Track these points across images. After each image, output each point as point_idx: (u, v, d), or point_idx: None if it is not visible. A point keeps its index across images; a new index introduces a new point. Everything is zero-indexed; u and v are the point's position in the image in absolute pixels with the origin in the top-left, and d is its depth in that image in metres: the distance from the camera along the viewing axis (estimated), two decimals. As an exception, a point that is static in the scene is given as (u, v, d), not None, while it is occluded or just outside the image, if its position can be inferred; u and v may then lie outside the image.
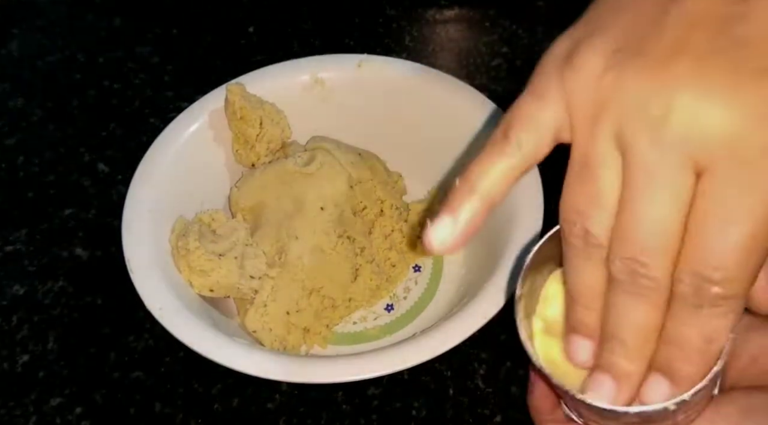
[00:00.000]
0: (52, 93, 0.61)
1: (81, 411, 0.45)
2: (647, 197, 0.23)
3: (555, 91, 0.26)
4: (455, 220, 0.27)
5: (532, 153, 0.27)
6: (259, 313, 0.45)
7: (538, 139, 0.26)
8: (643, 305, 0.25)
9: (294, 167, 0.48)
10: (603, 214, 0.24)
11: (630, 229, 0.24)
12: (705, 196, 0.23)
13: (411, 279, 0.50)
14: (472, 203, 0.27)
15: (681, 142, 0.23)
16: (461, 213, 0.27)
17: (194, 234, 0.44)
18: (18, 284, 0.50)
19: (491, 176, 0.27)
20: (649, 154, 0.23)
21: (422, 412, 0.44)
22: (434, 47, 0.63)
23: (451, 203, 0.27)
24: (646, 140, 0.23)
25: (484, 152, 0.27)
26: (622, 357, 0.26)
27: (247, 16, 0.66)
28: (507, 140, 0.27)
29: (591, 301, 0.26)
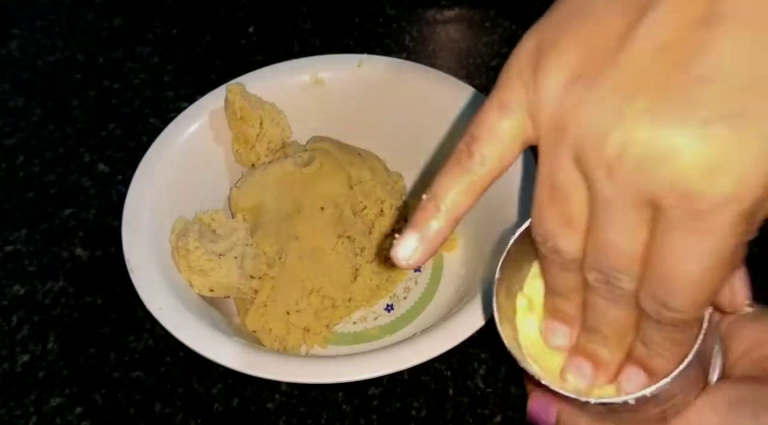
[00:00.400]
0: (52, 93, 0.61)
1: (81, 411, 0.45)
2: (609, 226, 0.24)
3: (518, 102, 0.26)
4: (420, 236, 0.28)
5: (496, 166, 0.27)
6: (259, 313, 0.45)
7: (502, 151, 0.27)
8: (620, 308, 0.26)
9: (294, 167, 0.48)
10: (573, 234, 0.25)
11: (600, 249, 0.25)
12: (660, 232, 0.23)
13: (411, 279, 0.50)
14: (437, 220, 0.28)
15: (634, 182, 0.22)
16: (426, 230, 0.28)
17: (194, 234, 0.44)
18: (18, 284, 0.50)
19: (455, 193, 0.28)
20: (605, 188, 0.23)
21: (422, 412, 0.44)
22: (434, 47, 0.63)
23: (417, 220, 0.28)
24: (603, 175, 0.23)
25: (449, 167, 0.28)
26: (601, 346, 0.28)
27: (247, 16, 0.66)
28: (470, 156, 0.27)
29: (568, 294, 0.28)
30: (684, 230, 0.22)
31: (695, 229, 0.22)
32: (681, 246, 0.23)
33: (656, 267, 0.24)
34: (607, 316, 0.26)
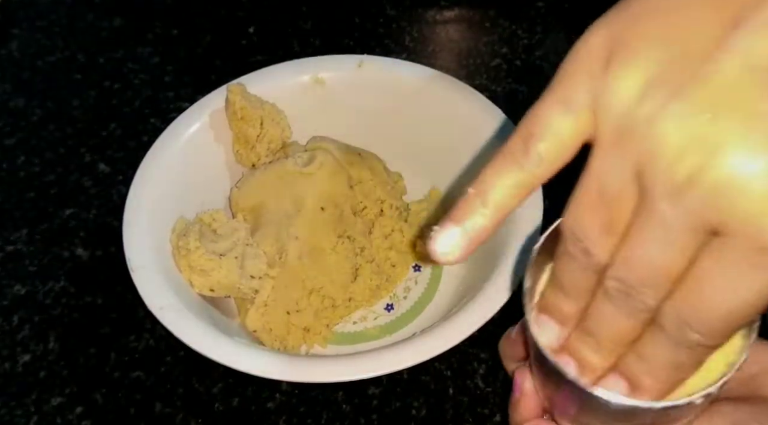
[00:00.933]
0: (53, 93, 0.61)
1: (81, 410, 0.45)
2: (655, 245, 0.22)
3: (583, 100, 0.23)
4: (463, 231, 0.26)
5: (552, 166, 0.25)
6: (260, 313, 0.45)
7: (560, 151, 0.24)
8: (628, 319, 0.24)
9: (294, 167, 0.48)
10: (609, 241, 0.24)
11: (633, 262, 0.23)
12: (711, 255, 0.22)
13: (411, 279, 0.50)
14: (482, 216, 0.26)
15: (701, 208, 0.21)
16: (469, 225, 0.26)
17: (195, 234, 0.44)
18: (19, 284, 0.50)
19: (505, 189, 0.25)
20: (666, 209, 0.22)
21: (422, 412, 0.44)
22: (434, 47, 0.64)
23: (460, 213, 0.26)
24: (667, 195, 0.21)
25: (501, 160, 0.25)
26: (593, 351, 0.26)
27: (247, 16, 0.66)
28: (526, 153, 0.25)
29: (577, 295, 0.26)
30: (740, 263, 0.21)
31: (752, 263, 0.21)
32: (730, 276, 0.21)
33: (692, 288, 0.22)
34: (610, 325, 0.25)
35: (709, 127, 0.20)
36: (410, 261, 0.50)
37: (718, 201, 0.21)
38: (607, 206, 0.23)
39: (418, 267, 0.50)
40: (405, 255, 0.50)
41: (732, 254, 0.21)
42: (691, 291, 0.22)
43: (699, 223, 0.21)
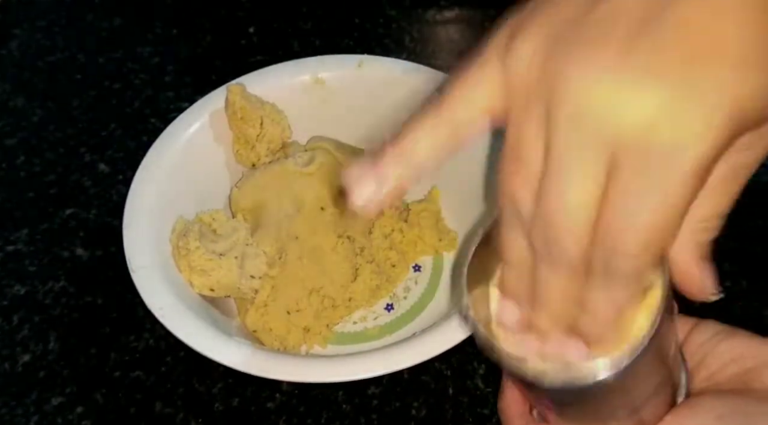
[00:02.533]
0: (53, 93, 0.61)
1: (81, 410, 0.45)
2: (561, 182, 0.24)
3: (493, 71, 0.26)
4: (381, 183, 0.28)
5: (464, 130, 0.27)
6: (260, 313, 0.45)
7: (471, 116, 0.27)
8: (560, 275, 0.26)
9: (294, 167, 0.48)
10: (530, 191, 0.25)
11: (546, 209, 0.25)
12: (614, 183, 0.23)
13: (411, 279, 0.50)
14: (398, 170, 0.28)
15: (596, 132, 0.23)
16: (388, 178, 0.28)
17: (195, 234, 0.44)
18: (19, 284, 0.50)
19: (422, 147, 0.27)
20: (565, 141, 0.24)
21: (422, 412, 0.44)
22: (434, 47, 0.64)
23: (379, 165, 0.28)
24: (565, 127, 0.24)
25: (419, 121, 0.28)
26: (544, 317, 0.27)
27: (247, 16, 0.66)
28: (440, 115, 0.27)
29: (519, 265, 0.27)
30: (635, 177, 0.23)
31: (647, 180, 0.23)
32: (632, 194, 0.23)
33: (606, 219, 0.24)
34: (551, 289, 0.26)
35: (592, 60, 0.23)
36: (410, 261, 0.50)
37: (606, 123, 0.23)
38: (523, 160, 0.25)
39: (418, 267, 0.50)
40: (405, 255, 0.50)
41: (627, 177, 0.23)
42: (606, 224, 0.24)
43: (598, 149, 0.23)
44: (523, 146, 0.25)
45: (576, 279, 0.26)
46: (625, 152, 0.23)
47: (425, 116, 0.28)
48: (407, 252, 0.50)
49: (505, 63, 0.26)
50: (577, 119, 0.23)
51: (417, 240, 0.50)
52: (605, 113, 0.23)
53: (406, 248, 0.50)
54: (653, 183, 0.23)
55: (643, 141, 0.22)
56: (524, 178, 0.25)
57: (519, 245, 0.27)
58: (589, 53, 0.23)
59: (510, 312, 0.29)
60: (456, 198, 0.51)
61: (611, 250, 0.24)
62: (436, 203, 0.51)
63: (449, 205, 0.52)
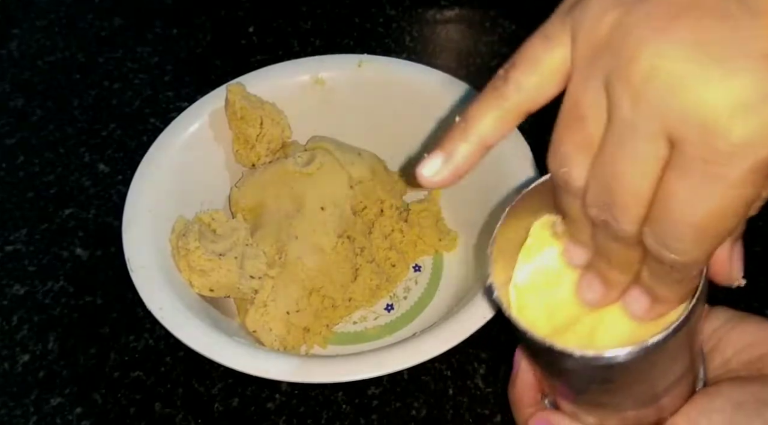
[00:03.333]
0: (53, 93, 0.61)
1: (81, 410, 0.45)
2: (619, 157, 0.23)
3: (561, 32, 0.25)
4: (447, 159, 0.28)
5: (532, 96, 0.26)
6: (259, 313, 0.45)
7: (540, 81, 0.26)
8: (620, 245, 0.26)
9: (294, 167, 0.48)
10: (586, 160, 0.25)
11: (603, 183, 0.24)
12: (672, 170, 0.23)
13: (411, 279, 0.50)
14: (465, 145, 0.27)
15: (659, 109, 0.22)
16: (454, 153, 0.28)
17: (194, 234, 0.44)
18: (18, 284, 0.50)
19: (487, 119, 0.27)
20: (626, 112, 0.23)
21: (422, 412, 0.44)
22: (434, 47, 0.64)
23: (445, 143, 0.28)
24: (627, 98, 0.23)
25: (485, 93, 0.27)
26: (611, 270, 0.27)
27: (247, 16, 0.66)
28: (506, 82, 0.27)
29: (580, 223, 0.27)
30: (698, 171, 0.22)
31: (710, 171, 0.22)
32: (691, 187, 0.22)
33: (662, 207, 0.23)
34: (610, 251, 0.26)
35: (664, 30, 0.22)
36: (410, 261, 0.50)
37: (672, 101, 0.22)
38: (581, 121, 0.24)
39: (418, 267, 0.50)
40: (405, 255, 0.50)
41: (689, 164, 0.22)
42: (660, 210, 0.23)
43: (657, 127, 0.22)
44: (583, 105, 0.24)
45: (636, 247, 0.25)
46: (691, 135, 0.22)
47: (491, 89, 0.27)
48: (407, 252, 0.50)
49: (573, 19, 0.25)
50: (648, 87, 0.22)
51: (417, 240, 0.50)
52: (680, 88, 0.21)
53: (406, 248, 0.50)
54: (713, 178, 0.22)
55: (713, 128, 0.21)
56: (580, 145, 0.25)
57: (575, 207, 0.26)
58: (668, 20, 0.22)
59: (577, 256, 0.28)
60: (456, 198, 0.51)
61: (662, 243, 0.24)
62: (436, 203, 0.51)
63: (449, 205, 0.52)
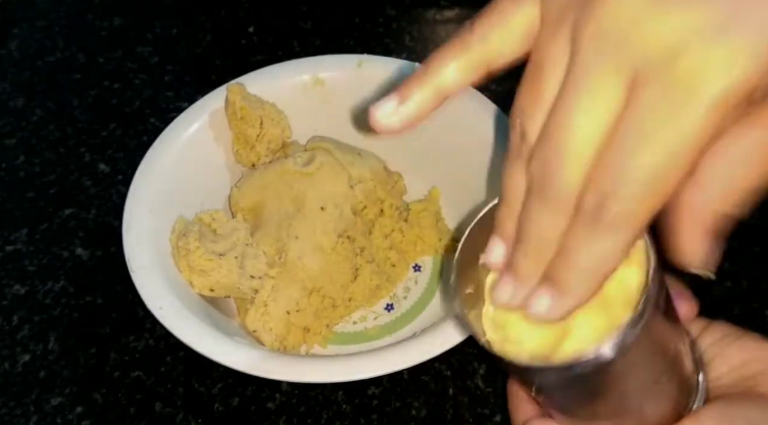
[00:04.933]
0: (53, 93, 0.61)
1: (81, 410, 0.45)
2: (574, 101, 0.23)
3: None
4: (402, 102, 0.27)
5: (495, 50, 0.26)
6: (260, 313, 0.45)
7: (505, 36, 0.26)
8: (548, 211, 0.24)
9: (294, 167, 0.48)
10: (540, 115, 0.24)
11: (551, 131, 0.24)
12: (629, 110, 0.22)
13: (411, 279, 0.50)
14: (422, 91, 0.27)
15: (622, 46, 0.22)
16: (409, 98, 0.27)
17: (194, 234, 0.44)
18: (18, 284, 0.50)
19: (448, 68, 0.27)
20: (587, 53, 0.22)
21: (422, 412, 0.44)
22: (434, 47, 0.63)
23: (403, 87, 0.27)
24: (591, 39, 0.22)
25: (449, 41, 0.27)
26: (522, 258, 0.26)
27: (247, 16, 0.66)
28: (471, 34, 0.26)
29: (512, 202, 0.26)
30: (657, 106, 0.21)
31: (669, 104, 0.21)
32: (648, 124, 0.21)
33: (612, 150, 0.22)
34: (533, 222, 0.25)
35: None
36: (410, 261, 0.50)
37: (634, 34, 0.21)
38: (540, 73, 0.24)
39: (418, 267, 0.50)
40: (405, 255, 0.50)
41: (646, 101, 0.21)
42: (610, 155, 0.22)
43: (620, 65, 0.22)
44: (544, 65, 0.24)
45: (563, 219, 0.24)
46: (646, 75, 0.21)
47: (457, 39, 0.27)
48: (407, 252, 0.50)
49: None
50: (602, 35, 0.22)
51: (417, 240, 0.50)
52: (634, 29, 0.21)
53: (406, 248, 0.50)
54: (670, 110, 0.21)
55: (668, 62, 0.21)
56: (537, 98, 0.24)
57: (517, 179, 0.25)
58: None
59: (497, 252, 0.27)
60: (456, 198, 0.51)
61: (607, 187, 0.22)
62: (436, 203, 0.51)
63: (449, 205, 0.52)
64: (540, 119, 0.24)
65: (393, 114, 0.27)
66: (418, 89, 0.27)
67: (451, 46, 0.27)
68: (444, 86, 0.27)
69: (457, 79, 0.27)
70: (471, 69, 0.27)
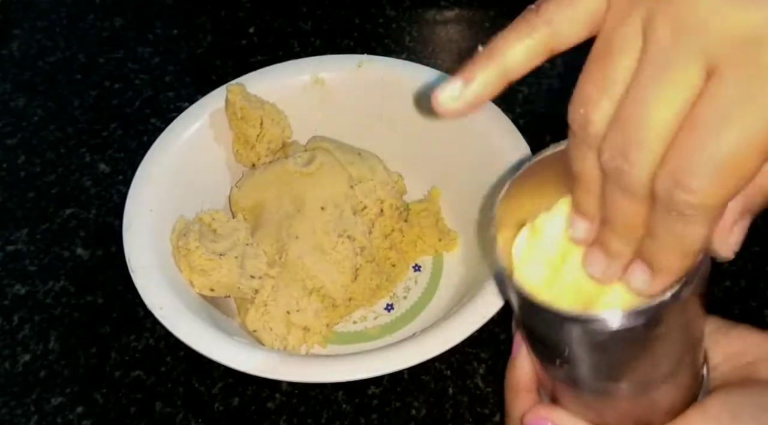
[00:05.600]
0: (53, 93, 0.61)
1: (82, 410, 0.45)
2: (648, 89, 0.23)
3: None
4: (467, 84, 0.26)
5: (562, 32, 0.26)
6: (260, 312, 0.45)
7: (571, 18, 0.25)
8: (628, 199, 0.24)
9: (294, 167, 0.48)
10: (608, 102, 0.24)
11: (623, 120, 0.23)
12: (705, 98, 0.22)
13: (411, 279, 0.50)
14: (487, 73, 0.26)
15: (699, 33, 0.22)
16: (474, 79, 0.26)
17: (195, 234, 0.44)
18: (19, 284, 0.50)
19: (513, 50, 0.26)
20: (664, 40, 0.22)
21: (422, 412, 0.44)
22: (434, 47, 0.64)
23: (467, 69, 0.27)
24: (668, 26, 0.22)
25: (514, 23, 0.26)
26: (613, 238, 0.26)
27: (247, 16, 0.66)
28: (537, 15, 0.26)
29: (590, 184, 0.26)
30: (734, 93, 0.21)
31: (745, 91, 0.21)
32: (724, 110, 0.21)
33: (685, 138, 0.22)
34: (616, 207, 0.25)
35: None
36: (410, 261, 0.50)
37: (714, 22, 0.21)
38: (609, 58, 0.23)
39: (418, 267, 0.50)
40: (405, 255, 0.50)
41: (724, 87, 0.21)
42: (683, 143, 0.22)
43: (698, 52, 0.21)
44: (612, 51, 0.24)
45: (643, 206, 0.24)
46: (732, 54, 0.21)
47: (522, 21, 0.26)
48: (407, 252, 0.50)
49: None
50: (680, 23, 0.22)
51: (417, 240, 0.50)
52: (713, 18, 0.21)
53: (406, 248, 0.50)
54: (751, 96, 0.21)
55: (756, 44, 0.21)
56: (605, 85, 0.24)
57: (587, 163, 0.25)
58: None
59: (580, 229, 0.27)
60: (456, 198, 0.51)
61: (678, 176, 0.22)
62: (436, 203, 0.51)
63: (449, 205, 0.52)
64: (607, 106, 0.24)
65: (458, 97, 0.26)
66: (483, 71, 0.26)
67: (516, 28, 0.26)
68: (509, 68, 0.26)
69: (522, 62, 0.26)
70: (536, 51, 0.26)
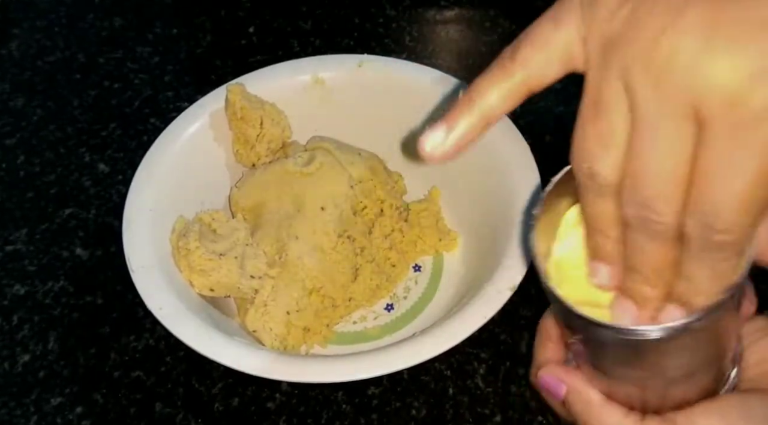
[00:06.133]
0: (53, 93, 0.61)
1: (81, 410, 0.45)
2: (650, 146, 0.24)
3: (572, 18, 0.26)
4: (450, 130, 0.28)
5: (537, 74, 0.27)
6: (260, 313, 0.45)
7: (546, 60, 0.26)
8: (657, 244, 0.25)
9: (294, 167, 0.48)
10: (610, 155, 0.25)
11: (638, 176, 0.24)
12: (705, 148, 0.23)
13: (411, 279, 0.50)
14: (468, 119, 0.28)
15: (682, 90, 0.22)
16: (456, 126, 0.28)
17: (195, 234, 0.44)
18: (18, 284, 0.50)
19: (492, 94, 0.27)
20: (650, 100, 0.23)
21: (422, 412, 0.44)
22: (434, 47, 0.63)
23: (449, 115, 0.28)
24: (649, 85, 0.23)
25: (490, 68, 0.28)
26: (642, 284, 0.27)
27: (248, 16, 0.66)
28: (513, 60, 0.27)
29: (606, 229, 0.27)
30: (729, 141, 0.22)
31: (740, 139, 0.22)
32: (726, 158, 0.22)
33: (701, 187, 0.23)
34: (646, 255, 0.26)
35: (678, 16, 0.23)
36: (410, 261, 0.50)
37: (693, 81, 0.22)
38: (602, 116, 0.25)
39: (418, 267, 0.50)
40: (405, 255, 0.50)
41: (718, 138, 0.22)
42: (699, 190, 0.23)
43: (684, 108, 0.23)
44: (603, 98, 0.24)
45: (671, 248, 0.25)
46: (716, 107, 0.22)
47: (498, 64, 0.27)
48: (407, 252, 0.50)
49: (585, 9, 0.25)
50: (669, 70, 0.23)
51: (417, 240, 0.50)
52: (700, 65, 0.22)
53: (406, 248, 0.50)
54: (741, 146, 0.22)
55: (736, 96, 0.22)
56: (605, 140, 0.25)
57: (601, 209, 0.26)
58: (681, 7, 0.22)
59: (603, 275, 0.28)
60: (456, 198, 0.51)
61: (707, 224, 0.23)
62: (436, 203, 0.51)
63: (449, 205, 0.52)
64: (611, 159, 0.25)
65: (442, 144, 0.28)
66: (464, 117, 0.28)
67: (492, 73, 0.28)
68: (489, 113, 0.28)
69: (501, 105, 0.28)
70: (514, 94, 0.27)
